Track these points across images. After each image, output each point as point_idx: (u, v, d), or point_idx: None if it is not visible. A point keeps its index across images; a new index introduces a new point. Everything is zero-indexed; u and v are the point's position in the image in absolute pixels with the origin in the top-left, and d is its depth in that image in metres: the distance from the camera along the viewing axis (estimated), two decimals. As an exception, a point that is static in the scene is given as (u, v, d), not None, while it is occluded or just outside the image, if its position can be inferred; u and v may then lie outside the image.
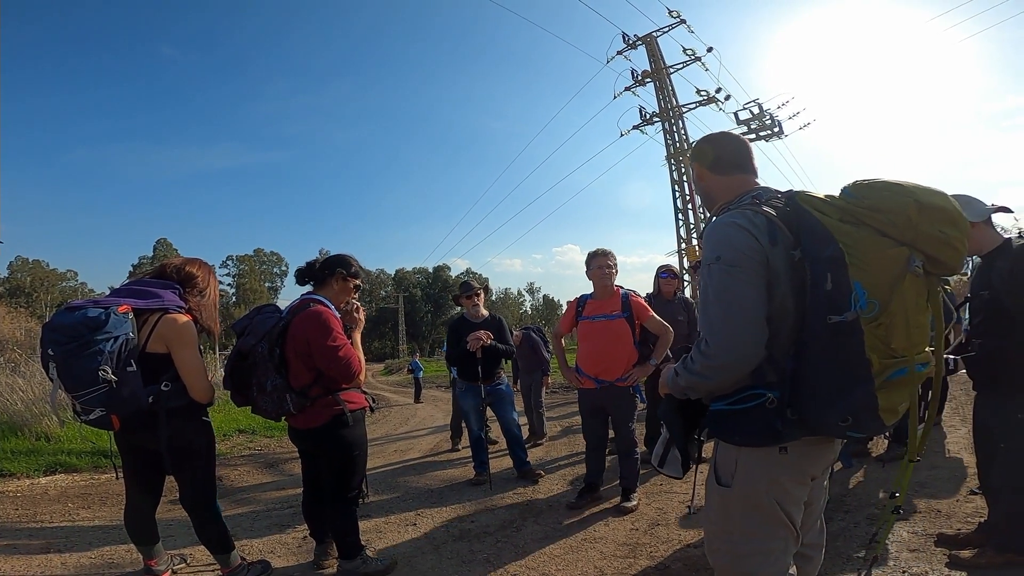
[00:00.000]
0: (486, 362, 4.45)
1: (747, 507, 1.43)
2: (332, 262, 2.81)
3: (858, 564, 2.55)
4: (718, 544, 1.52)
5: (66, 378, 2.23)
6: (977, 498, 3.19)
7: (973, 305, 2.50)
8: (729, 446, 1.45)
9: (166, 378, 2.44)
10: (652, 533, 3.25)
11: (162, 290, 2.52)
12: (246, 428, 8.08)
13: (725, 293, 1.33)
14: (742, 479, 1.42)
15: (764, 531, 1.43)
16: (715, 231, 1.41)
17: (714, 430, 1.49)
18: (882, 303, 1.23)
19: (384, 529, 3.59)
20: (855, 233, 1.27)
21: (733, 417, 1.41)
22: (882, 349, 1.25)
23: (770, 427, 1.34)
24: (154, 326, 2.44)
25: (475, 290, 4.63)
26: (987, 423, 2.47)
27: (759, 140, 18.23)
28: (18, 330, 17.70)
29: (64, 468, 5.47)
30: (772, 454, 1.38)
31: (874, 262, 1.25)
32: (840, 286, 1.24)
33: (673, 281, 5.13)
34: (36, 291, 55.36)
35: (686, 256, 18.37)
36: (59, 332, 2.25)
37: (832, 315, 1.24)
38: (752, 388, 1.36)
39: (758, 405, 1.35)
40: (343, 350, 2.58)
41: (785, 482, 1.41)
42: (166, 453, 2.45)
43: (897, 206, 1.27)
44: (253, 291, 66.56)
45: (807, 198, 1.35)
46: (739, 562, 1.46)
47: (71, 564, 3.06)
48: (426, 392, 16.18)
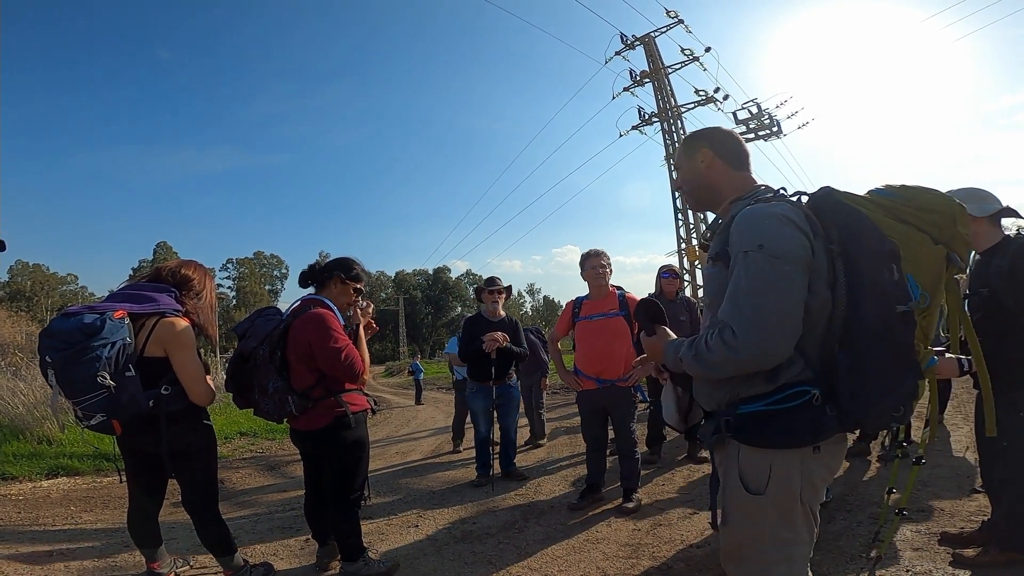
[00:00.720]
0: (499, 363, 4.47)
1: (783, 513, 1.38)
2: (332, 265, 2.83)
3: (862, 563, 2.54)
4: (747, 553, 1.44)
5: (65, 384, 2.23)
6: (980, 496, 3.19)
7: (972, 303, 2.49)
8: (760, 452, 1.37)
9: (165, 382, 2.44)
10: (654, 533, 3.25)
11: (158, 294, 2.52)
12: (247, 431, 8.08)
13: (764, 285, 1.28)
14: (777, 485, 1.35)
15: (795, 535, 1.39)
16: (754, 220, 1.34)
17: (745, 435, 1.39)
18: (932, 296, 1.29)
19: (386, 531, 3.59)
20: (902, 229, 1.31)
21: (774, 418, 1.34)
22: (923, 339, 1.30)
23: (818, 425, 1.32)
24: (151, 330, 2.43)
25: (500, 286, 4.67)
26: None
27: (758, 140, 18.22)
28: (19, 334, 17.73)
29: (66, 471, 5.48)
30: (807, 455, 1.34)
31: (921, 258, 1.30)
32: (901, 278, 1.27)
33: (675, 281, 5.16)
34: (37, 295, 55.40)
35: (686, 256, 18.36)
36: (56, 339, 2.25)
37: (899, 304, 1.26)
38: (795, 386, 1.32)
39: (805, 403, 1.31)
40: (345, 351, 2.58)
41: (816, 482, 1.39)
42: (167, 456, 2.45)
43: (944, 206, 1.32)
44: (253, 294, 66.55)
45: (850, 196, 1.38)
46: (769, 569, 1.40)
47: (74, 567, 3.06)
48: (427, 394, 16.17)
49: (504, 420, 4.70)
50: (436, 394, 16.97)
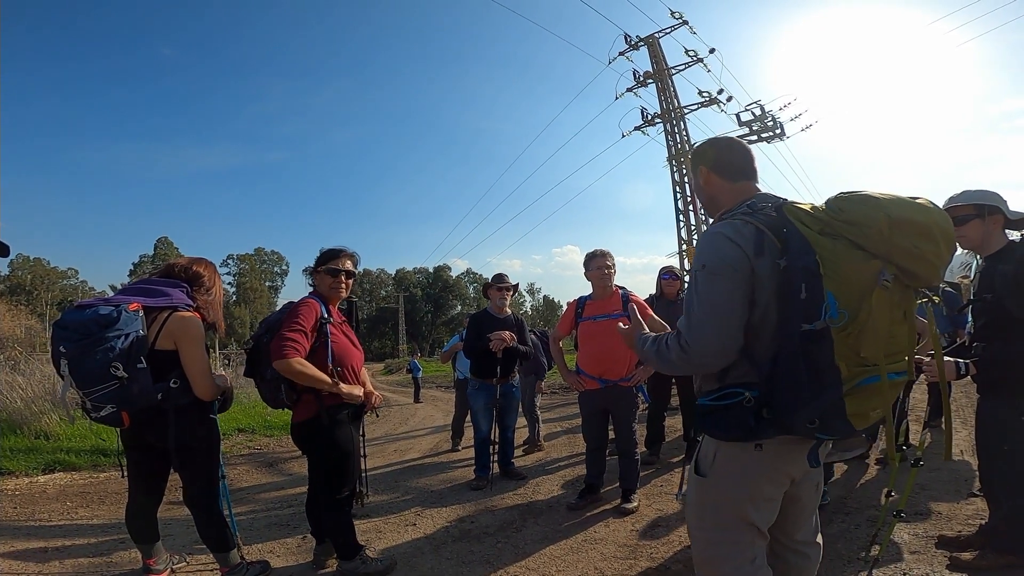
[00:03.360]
0: (504, 361, 4.47)
1: (719, 498, 1.53)
2: (316, 260, 2.87)
3: (859, 566, 2.54)
4: (693, 531, 1.64)
5: (78, 375, 2.25)
6: (978, 500, 3.18)
7: (976, 308, 2.49)
8: (711, 439, 1.55)
9: (174, 375, 2.46)
10: (652, 534, 3.24)
11: (171, 289, 2.55)
12: (246, 427, 8.07)
13: (707, 298, 1.43)
14: (718, 471, 1.53)
15: (733, 524, 1.52)
16: (704, 240, 1.51)
17: (699, 423, 1.59)
18: (851, 313, 1.28)
19: (384, 529, 3.58)
20: (831, 245, 1.32)
21: (715, 412, 1.50)
22: (851, 357, 1.31)
23: (745, 424, 1.42)
24: (163, 324, 2.46)
25: (508, 283, 4.67)
26: (990, 426, 2.46)
27: (761, 141, 18.20)
28: (18, 328, 17.71)
29: (63, 466, 5.46)
30: (748, 450, 1.46)
31: (846, 274, 1.30)
32: (814, 295, 1.29)
33: (675, 282, 5.17)
34: (37, 289, 55.39)
35: (687, 258, 18.35)
36: (70, 329, 2.28)
37: (804, 323, 1.30)
38: (732, 387, 1.45)
39: (736, 403, 1.44)
40: (286, 331, 2.53)
41: (759, 479, 1.50)
42: (173, 450, 2.47)
43: (869, 220, 1.31)
44: (254, 290, 66.60)
45: (792, 209, 1.41)
46: (709, 549, 1.57)
47: (69, 563, 3.05)
48: (425, 392, 16.17)
49: (504, 419, 4.70)
50: (435, 392, 16.97)
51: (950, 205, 2.44)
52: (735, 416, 1.44)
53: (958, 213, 2.40)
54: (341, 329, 2.81)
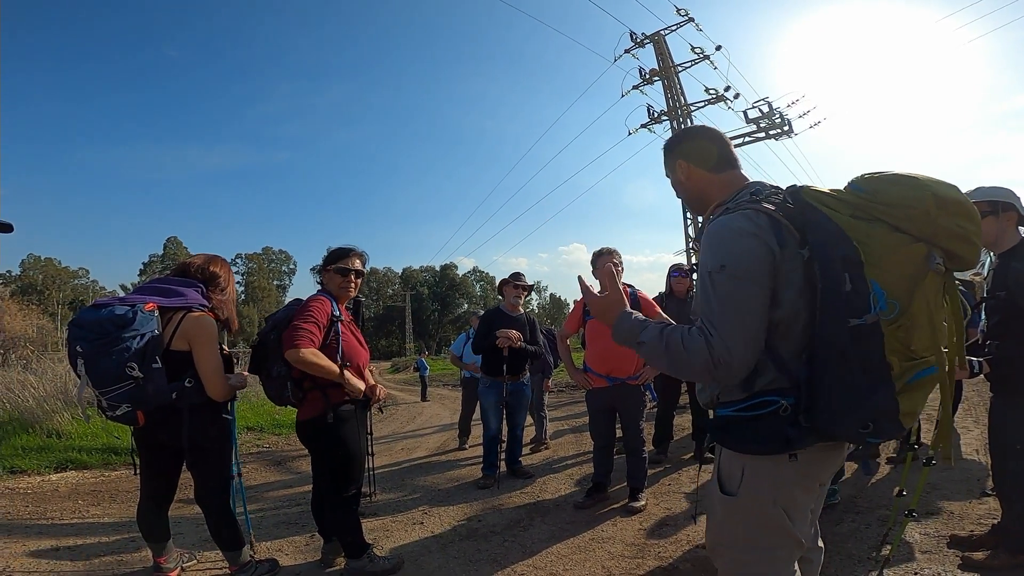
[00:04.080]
0: (513, 359, 4.48)
1: (752, 517, 1.37)
2: (324, 259, 2.88)
3: (870, 565, 2.52)
4: (722, 552, 1.47)
5: (94, 374, 2.27)
6: (990, 500, 3.15)
7: (990, 305, 2.46)
8: (735, 454, 1.37)
9: (189, 375, 2.48)
10: (660, 533, 3.23)
11: (186, 288, 2.57)
12: (254, 426, 8.13)
13: (732, 304, 1.25)
14: (748, 489, 1.35)
15: (769, 541, 1.38)
16: (717, 236, 1.31)
17: (719, 437, 1.39)
18: (902, 304, 1.17)
19: (391, 528, 3.59)
20: (868, 229, 1.21)
21: (743, 424, 1.32)
22: (902, 351, 1.20)
23: (782, 435, 1.26)
24: (178, 324, 2.48)
25: (524, 282, 4.69)
26: (1003, 425, 2.43)
27: (768, 139, 18.08)
28: (30, 327, 17.91)
29: (75, 465, 5.52)
30: (781, 462, 1.30)
31: (892, 260, 1.19)
32: (858, 287, 1.17)
33: (685, 280, 5.16)
34: (48, 289, 56.08)
35: (694, 255, 18.26)
36: (87, 329, 2.30)
37: (852, 318, 1.17)
38: (765, 395, 1.28)
39: (771, 412, 1.27)
40: (300, 322, 2.56)
41: (793, 489, 1.36)
42: (187, 449, 2.49)
43: (914, 200, 1.20)
44: (262, 289, 67.03)
45: (813, 193, 1.29)
46: (744, 568, 1.41)
47: (81, 562, 3.08)
48: (433, 390, 16.22)
49: (513, 418, 4.71)
50: (442, 391, 17.02)
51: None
52: (768, 427, 1.28)
53: None
54: (349, 328, 2.83)
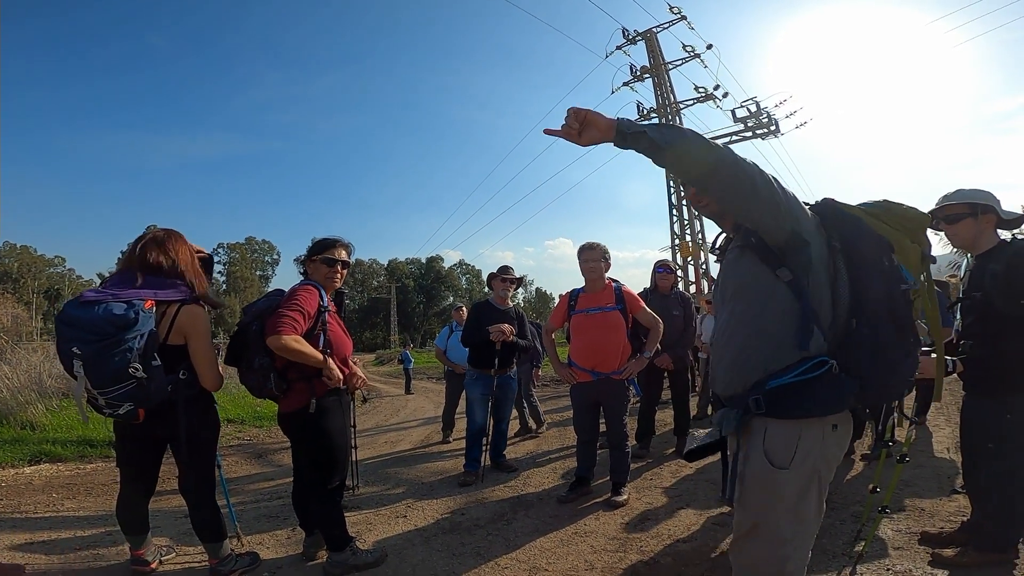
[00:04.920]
0: (503, 353, 4.49)
1: (803, 488, 1.46)
2: (308, 249, 2.85)
3: (845, 561, 2.58)
4: (762, 530, 1.50)
5: (95, 376, 2.20)
6: (960, 497, 3.24)
7: (965, 306, 2.51)
8: (790, 425, 1.46)
9: (182, 367, 2.45)
10: (642, 527, 3.27)
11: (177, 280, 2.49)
12: (235, 418, 8.04)
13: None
14: (802, 458, 1.45)
15: (810, 512, 1.49)
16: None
17: (778, 409, 1.46)
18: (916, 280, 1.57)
19: (374, 521, 3.59)
20: (888, 230, 1.57)
21: (804, 387, 1.42)
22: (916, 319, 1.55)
23: (841, 392, 1.42)
24: (173, 318, 2.42)
25: (513, 275, 4.69)
26: (975, 423, 2.49)
27: (755, 138, 18.28)
28: (5, 316, 17.47)
29: (49, 457, 5.40)
30: (827, 431, 1.46)
31: (906, 251, 1.60)
32: (894, 264, 1.50)
33: (669, 276, 5.22)
34: (23, 277, 54.67)
35: (679, 252, 18.44)
36: (84, 330, 2.20)
37: (901, 284, 1.47)
38: (815, 358, 1.42)
39: (827, 372, 1.41)
40: (285, 309, 2.53)
41: (831, 460, 1.50)
42: (184, 441, 2.46)
43: (919, 218, 1.65)
44: (244, 279, 66.01)
45: (847, 206, 1.62)
46: (782, 548, 1.47)
47: (56, 556, 3.03)
48: (417, 383, 16.16)
49: (499, 411, 4.71)
50: (426, 383, 16.98)
51: (944, 203, 2.45)
52: (827, 386, 1.41)
53: (951, 211, 2.42)
54: (335, 318, 2.81)
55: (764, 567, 1.50)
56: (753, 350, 1.50)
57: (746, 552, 1.54)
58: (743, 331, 1.53)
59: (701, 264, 18.44)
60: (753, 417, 1.50)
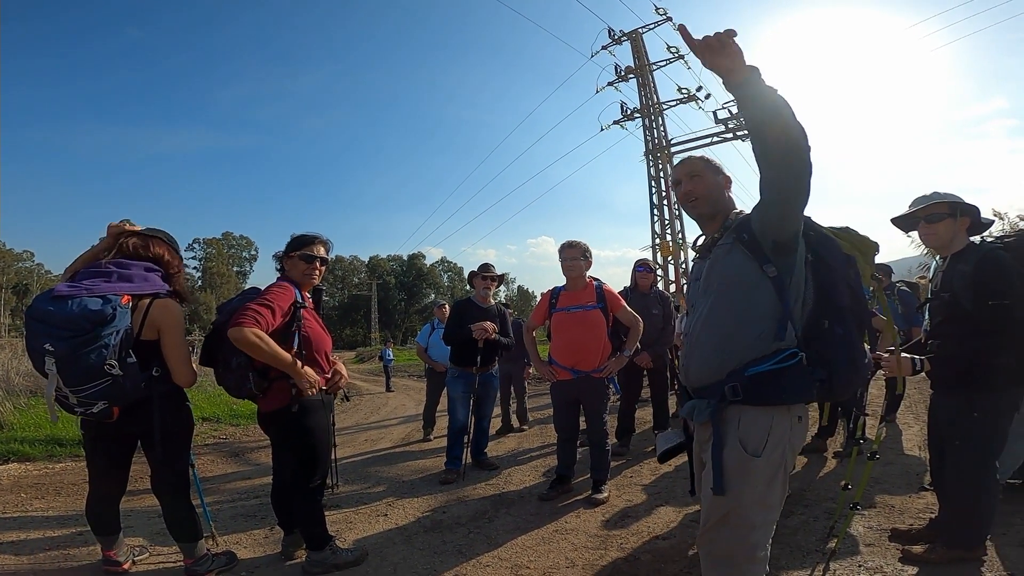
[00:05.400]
0: (485, 350, 4.48)
1: (771, 475, 1.56)
2: (287, 245, 2.80)
3: (818, 558, 2.64)
4: (732, 519, 1.57)
5: (69, 374, 2.13)
6: (928, 494, 3.33)
7: (934, 306, 2.58)
8: (761, 414, 1.56)
9: (156, 364, 2.39)
10: (622, 524, 3.30)
11: (148, 272, 2.43)
12: (211, 416, 7.90)
13: None
14: (773, 446, 1.55)
15: (776, 500, 1.59)
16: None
17: (754, 396, 1.56)
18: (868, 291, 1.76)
19: (354, 520, 3.56)
20: (849, 247, 1.82)
21: (780, 375, 1.54)
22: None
23: (809, 382, 1.54)
24: (146, 313, 2.35)
25: (493, 273, 4.67)
26: (942, 421, 2.55)
27: (736, 139, 18.49)
28: (-32, 310, 16.82)
29: (17, 457, 5.24)
30: (795, 423, 1.59)
31: (861, 267, 1.83)
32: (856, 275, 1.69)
33: (649, 275, 5.28)
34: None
35: (659, 251, 18.61)
36: (56, 326, 2.12)
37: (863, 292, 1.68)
38: (788, 349, 1.55)
39: (797, 363, 1.54)
40: (252, 304, 2.46)
41: (795, 451, 1.63)
42: (159, 439, 2.40)
43: (870, 244, 2.06)
44: (220, 275, 64.76)
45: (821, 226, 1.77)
46: (751, 534, 1.56)
47: (25, 557, 2.94)
48: (397, 381, 16.08)
49: (480, 409, 4.72)
50: (406, 381, 16.89)
51: (924, 204, 2.51)
52: (799, 376, 1.54)
53: (933, 211, 2.49)
54: (313, 315, 2.77)
55: (738, 555, 1.57)
56: (738, 338, 1.59)
57: (717, 541, 1.61)
58: (729, 320, 1.61)
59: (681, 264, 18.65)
60: (728, 405, 1.59)
